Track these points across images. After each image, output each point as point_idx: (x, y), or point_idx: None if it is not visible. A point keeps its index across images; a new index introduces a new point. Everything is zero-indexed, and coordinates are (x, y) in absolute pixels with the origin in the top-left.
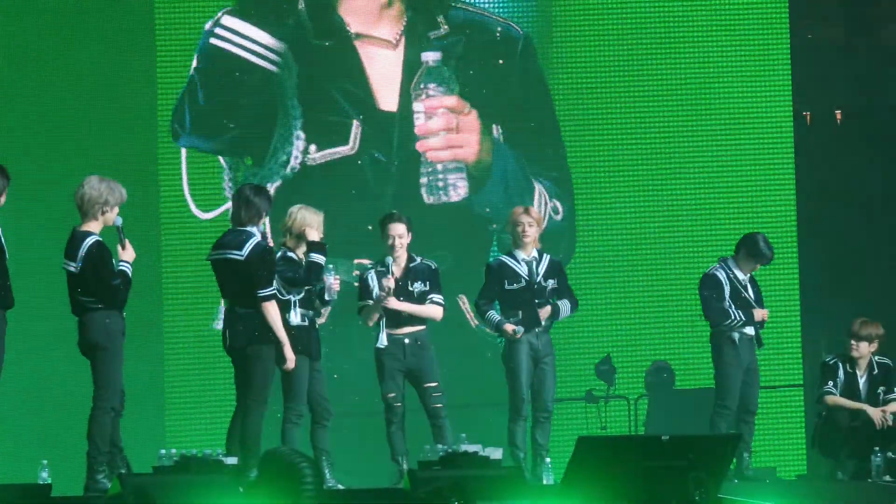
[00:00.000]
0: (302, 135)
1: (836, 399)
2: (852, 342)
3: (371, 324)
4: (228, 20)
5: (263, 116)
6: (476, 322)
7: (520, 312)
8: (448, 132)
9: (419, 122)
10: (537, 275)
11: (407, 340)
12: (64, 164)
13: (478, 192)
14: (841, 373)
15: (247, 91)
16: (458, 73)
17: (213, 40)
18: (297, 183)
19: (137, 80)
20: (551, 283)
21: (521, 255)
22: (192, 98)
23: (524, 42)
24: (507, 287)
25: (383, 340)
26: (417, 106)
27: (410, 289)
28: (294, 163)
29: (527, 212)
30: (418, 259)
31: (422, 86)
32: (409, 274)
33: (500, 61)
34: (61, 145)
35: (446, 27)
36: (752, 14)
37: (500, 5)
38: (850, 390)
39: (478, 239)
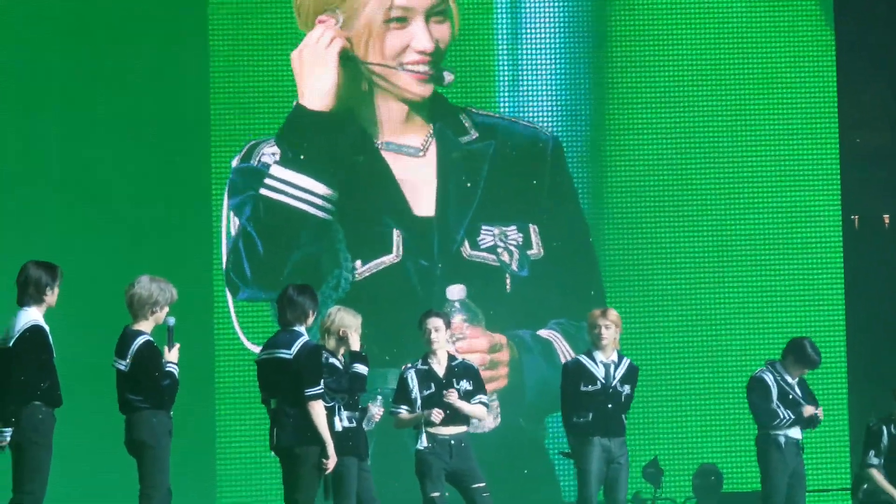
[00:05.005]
0: (348, 255)
1: (880, 478)
2: None
3: (402, 427)
4: (278, 171)
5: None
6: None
7: (590, 414)
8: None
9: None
10: (613, 378)
11: (452, 441)
12: (116, 262)
13: None
14: (885, 437)
15: (305, 242)
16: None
17: (263, 191)
18: (348, 299)
19: (190, 178)
20: (627, 388)
21: (599, 356)
22: (249, 250)
23: (553, 144)
24: (581, 388)
25: (424, 441)
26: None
27: (457, 387)
28: (344, 284)
29: (604, 314)
30: (459, 358)
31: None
32: (453, 372)
33: (531, 165)
34: (113, 243)
35: (475, 133)
36: (802, 119)
37: (525, 110)
38: (894, 454)
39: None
